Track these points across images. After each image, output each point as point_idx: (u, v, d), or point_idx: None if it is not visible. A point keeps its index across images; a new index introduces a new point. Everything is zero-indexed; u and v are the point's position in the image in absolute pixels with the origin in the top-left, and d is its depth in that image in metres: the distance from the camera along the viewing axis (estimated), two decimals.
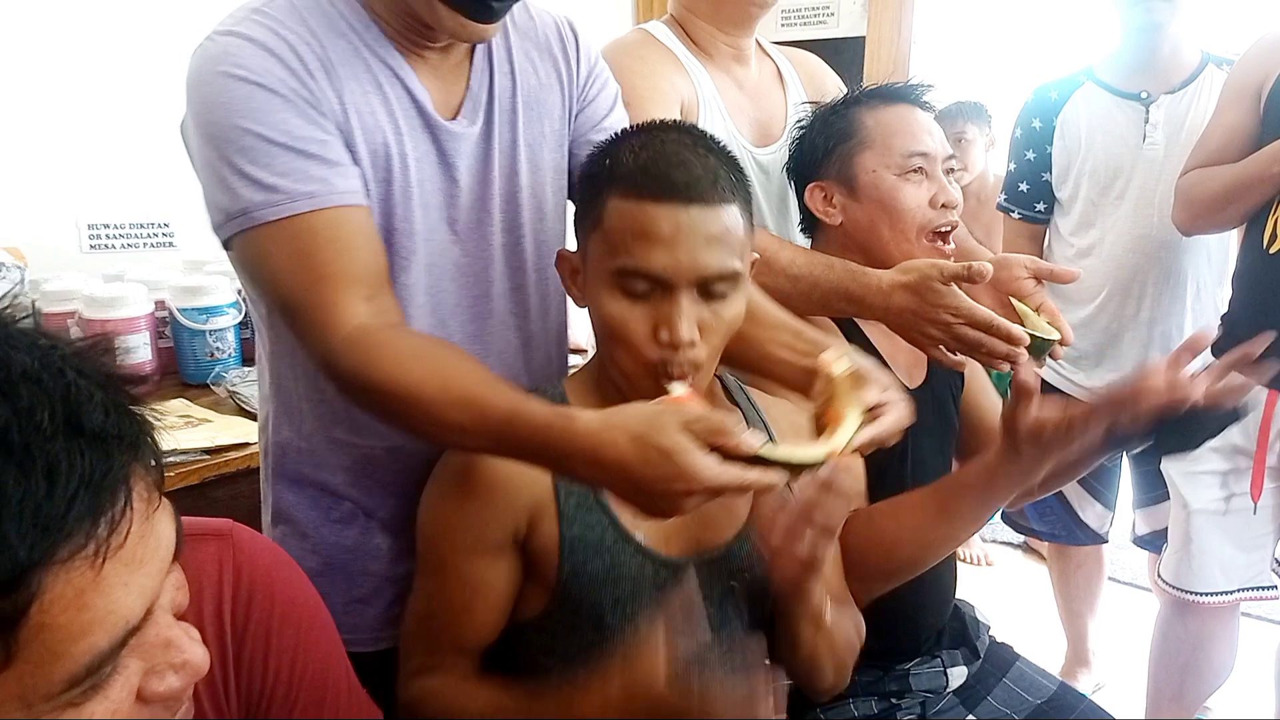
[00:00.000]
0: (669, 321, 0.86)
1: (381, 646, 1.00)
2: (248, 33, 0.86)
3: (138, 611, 0.48)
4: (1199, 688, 1.84)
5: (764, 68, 1.43)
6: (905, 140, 1.18)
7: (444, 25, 0.88)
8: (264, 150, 0.83)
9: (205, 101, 0.86)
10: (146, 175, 2.12)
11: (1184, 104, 1.80)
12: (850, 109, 1.24)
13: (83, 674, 0.45)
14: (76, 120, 2.00)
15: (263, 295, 0.92)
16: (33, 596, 0.43)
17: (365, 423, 0.95)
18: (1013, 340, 1.03)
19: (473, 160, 0.97)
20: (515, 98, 1.00)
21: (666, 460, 0.70)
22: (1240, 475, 1.62)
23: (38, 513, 0.42)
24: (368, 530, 1.00)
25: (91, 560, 0.44)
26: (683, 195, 0.85)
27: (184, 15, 2.09)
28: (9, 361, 0.44)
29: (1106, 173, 1.86)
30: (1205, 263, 1.85)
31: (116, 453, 0.46)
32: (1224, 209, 1.60)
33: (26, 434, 0.43)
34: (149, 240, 2.20)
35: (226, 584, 0.66)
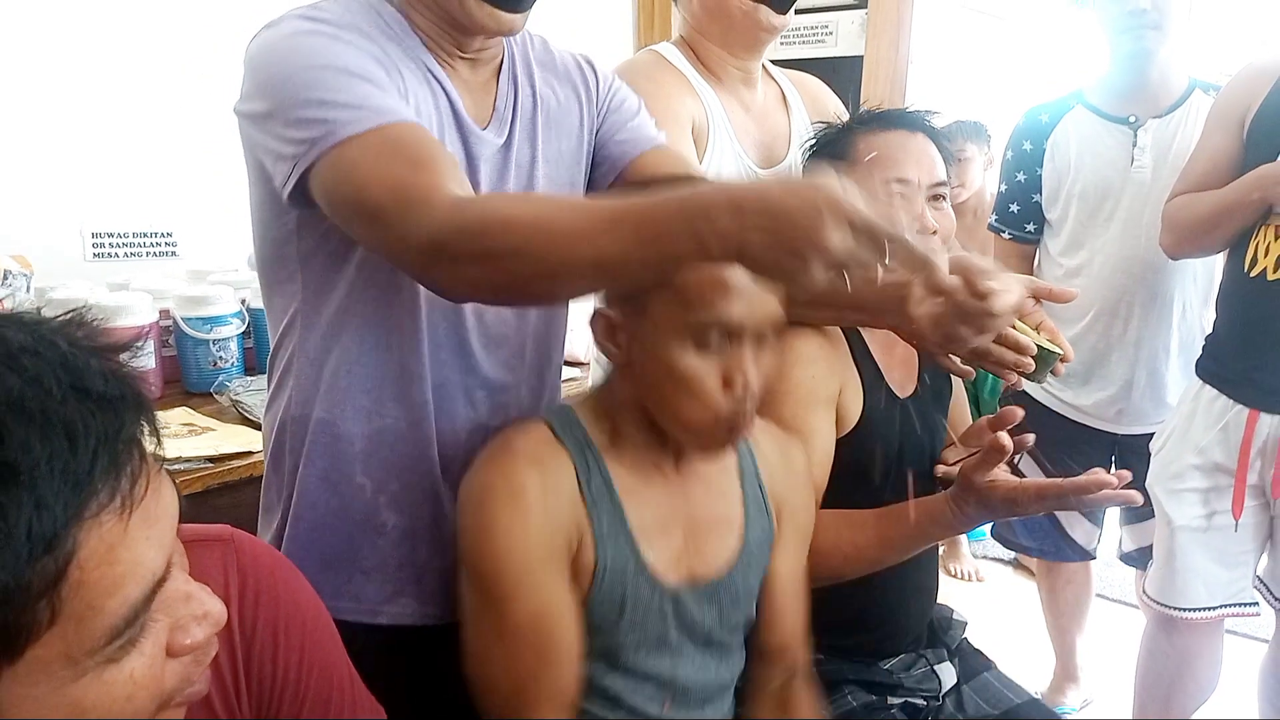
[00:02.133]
0: (742, 371, 0.89)
1: (380, 621, 1.03)
2: (311, 14, 0.91)
3: (160, 563, 0.50)
4: (1184, 703, 1.86)
5: (769, 91, 1.47)
6: (887, 167, 1.21)
7: (475, 19, 0.93)
8: (345, 81, 0.85)
9: (275, 62, 0.88)
10: (151, 185, 2.14)
11: (1171, 128, 1.84)
12: (850, 132, 1.28)
13: (121, 626, 0.48)
14: (81, 129, 2.02)
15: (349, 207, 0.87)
16: (71, 553, 0.45)
17: (387, 394, 0.99)
18: (1020, 349, 1.07)
19: (492, 168, 1.01)
20: (535, 117, 1.05)
21: (815, 190, 0.69)
22: (1222, 493, 1.64)
23: (66, 471, 0.44)
24: (375, 507, 1.02)
25: (119, 514, 0.47)
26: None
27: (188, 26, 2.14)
28: (5, 338, 0.46)
29: (1095, 195, 1.89)
30: (1191, 285, 1.88)
31: (124, 412, 0.48)
32: (1208, 234, 1.63)
33: (40, 399, 0.44)
34: (152, 250, 2.21)
35: (233, 587, 0.68)
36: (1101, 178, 1.88)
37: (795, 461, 1.10)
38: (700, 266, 0.77)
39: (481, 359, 1.03)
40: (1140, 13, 1.75)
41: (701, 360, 0.89)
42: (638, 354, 0.93)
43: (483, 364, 1.03)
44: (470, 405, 1.03)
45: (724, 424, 0.90)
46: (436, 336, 1.00)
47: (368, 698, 0.79)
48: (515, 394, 1.07)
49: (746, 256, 0.72)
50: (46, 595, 0.44)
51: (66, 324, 0.50)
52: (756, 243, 0.71)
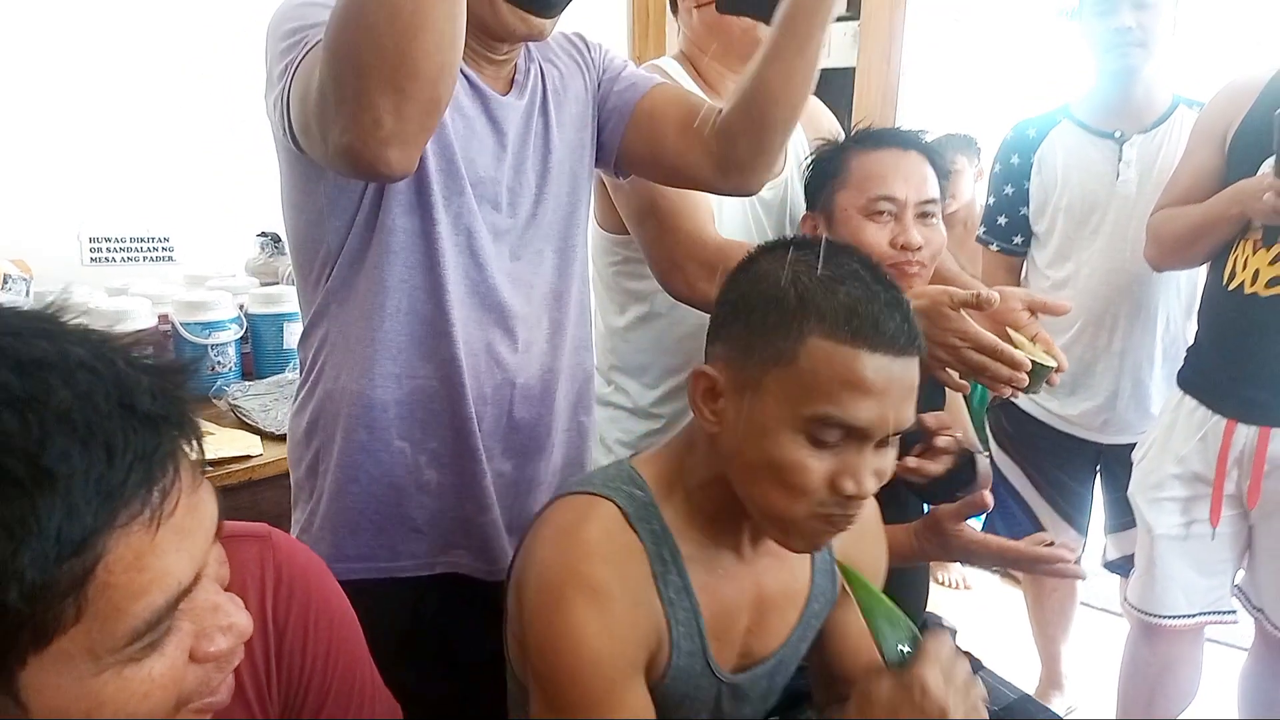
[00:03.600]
0: (855, 474, 0.81)
1: (436, 571, 1.09)
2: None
3: (189, 574, 0.53)
4: (1166, 708, 1.89)
5: None
6: (875, 184, 1.26)
7: (507, 24, 0.98)
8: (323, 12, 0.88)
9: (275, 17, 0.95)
10: (148, 190, 2.16)
11: (1155, 143, 1.87)
12: (844, 149, 1.32)
13: (143, 629, 0.51)
14: (79, 133, 2.03)
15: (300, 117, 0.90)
16: (98, 557, 0.48)
17: (417, 355, 1.04)
18: (1015, 365, 1.09)
19: (518, 130, 1.08)
20: (546, 87, 1.12)
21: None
22: (1200, 502, 1.67)
23: (100, 482, 0.48)
24: (417, 466, 1.06)
25: (147, 525, 0.50)
26: (896, 345, 0.79)
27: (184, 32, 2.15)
28: (67, 353, 0.49)
29: (1082, 208, 1.92)
30: (1175, 297, 1.91)
31: (164, 431, 0.51)
32: (1190, 247, 1.66)
33: (87, 415, 0.48)
34: (149, 254, 2.23)
35: (268, 582, 0.72)
36: (1088, 191, 1.91)
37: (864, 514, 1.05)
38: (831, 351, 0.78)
39: (506, 311, 1.08)
40: (1125, 31, 1.78)
41: (813, 456, 0.81)
42: (738, 428, 0.84)
43: (508, 317, 1.08)
44: (494, 361, 1.08)
45: (820, 525, 0.84)
46: (460, 293, 1.04)
47: (387, 697, 0.82)
48: (538, 347, 1.12)
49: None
50: (73, 594, 0.48)
51: (131, 344, 0.54)
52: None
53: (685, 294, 1.27)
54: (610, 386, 1.53)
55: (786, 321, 0.81)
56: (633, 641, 0.83)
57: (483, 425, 1.08)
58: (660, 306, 1.43)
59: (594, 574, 0.82)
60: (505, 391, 1.09)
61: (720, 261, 1.19)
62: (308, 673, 0.73)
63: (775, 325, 0.81)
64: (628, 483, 0.91)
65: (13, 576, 0.45)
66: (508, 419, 1.11)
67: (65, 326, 0.53)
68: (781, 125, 1.07)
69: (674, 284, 1.27)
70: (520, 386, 1.10)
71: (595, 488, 0.91)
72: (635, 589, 0.84)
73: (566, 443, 1.20)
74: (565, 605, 0.81)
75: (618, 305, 1.49)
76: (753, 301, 0.85)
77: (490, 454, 1.10)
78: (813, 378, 0.79)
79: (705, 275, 1.21)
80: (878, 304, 0.79)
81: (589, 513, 0.88)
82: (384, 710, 0.81)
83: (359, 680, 0.78)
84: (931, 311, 1.12)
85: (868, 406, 0.79)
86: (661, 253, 1.26)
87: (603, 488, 0.90)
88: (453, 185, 1.02)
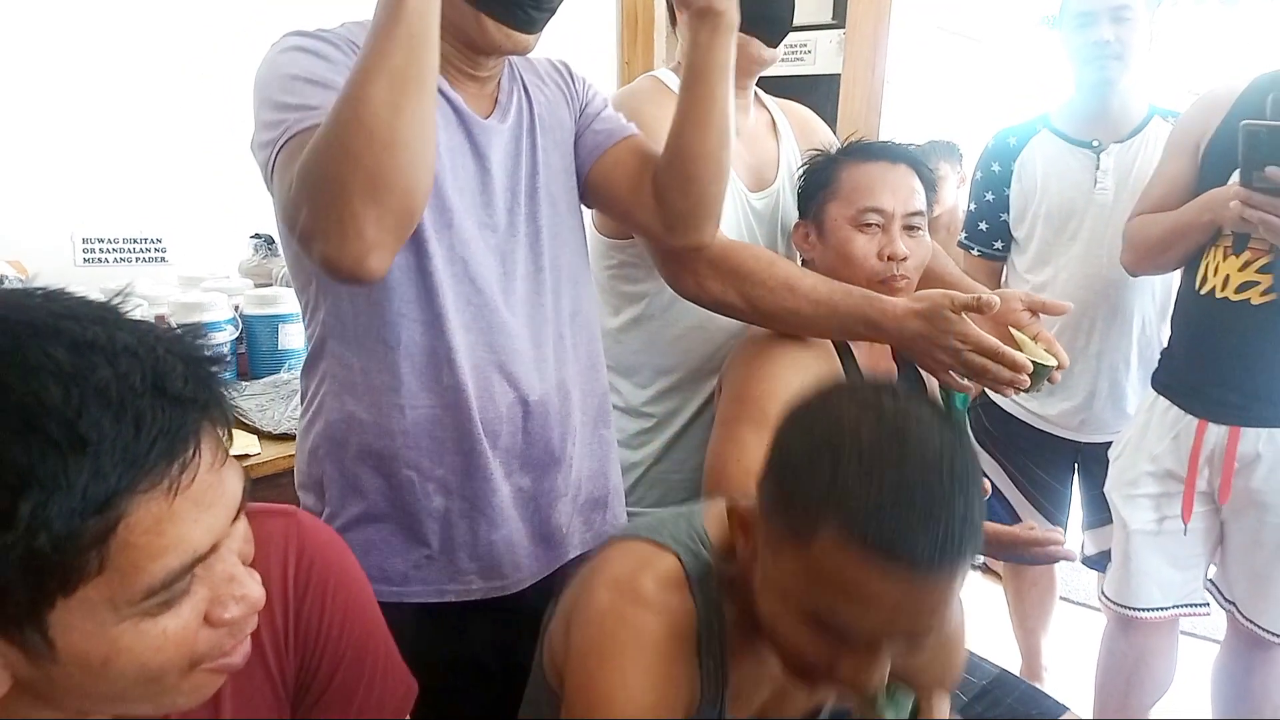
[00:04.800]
0: (858, 669, 0.76)
1: (447, 600, 1.10)
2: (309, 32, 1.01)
3: (205, 544, 0.58)
4: (1141, 699, 1.94)
5: (760, 118, 1.55)
6: (865, 196, 1.30)
7: (491, 38, 1.01)
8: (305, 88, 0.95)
9: (260, 75, 0.99)
10: (141, 191, 2.16)
11: (1132, 152, 1.93)
12: (836, 160, 1.37)
13: (158, 587, 0.56)
14: (72, 134, 2.04)
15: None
16: (120, 517, 0.53)
17: (419, 385, 1.06)
18: (1016, 367, 1.12)
19: (504, 154, 1.10)
20: (533, 111, 1.14)
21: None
22: (1173, 499, 1.72)
23: (126, 451, 0.53)
24: (425, 494, 1.08)
25: (166, 494, 0.55)
26: (920, 563, 0.68)
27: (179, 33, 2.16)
28: (115, 339, 0.55)
29: (1060, 215, 1.98)
30: (1150, 301, 1.97)
31: (190, 412, 0.57)
32: (1164, 253, 1.71)
33: (122, 392, 0.54)
34: (142, 255, 2.23)
35: (291, 551, 0.78)
36: (1066, 199, 1.97)
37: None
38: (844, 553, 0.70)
39: (512, 331, 1.10)
40: (1104, 44, 1.84)
41: (814, 641, 0.76)
42: (757, 573, 0.81)
43: (514, 336, 1.10)
44: (506, 379, 1.09)
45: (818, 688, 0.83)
46: (464, 319, 1.06)
47: (404, 671, 0.86)
48: (548, 363, 1.14)
49: None
50: (96, 548, 0.53)
51: (177, 336, 0.59)
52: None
53: (695, 293, 1.29)
54: None
55: (810, 499, 0.73)
56: (670, 699, 0.83)
57: (499, 442, 1.10)
58: (654, 309, 1.47)
59: (646, 627, 0.83)
60: (518, 409, 1.10)
61: (726, 260, 1.23)
62: (323, 637, 0.79)
63: (801, 497, 0.74)
64: (694, 540, 0.90)
65: (43, 525, 0.51)
66: (523, 435, 1.12)
67: (121, 316, 0.59)
68: (710, 179, 1.11)
69: (684, 285, 1.29)
70: (534, 403, 1.11)
71: (662, 538, 0.90)
72: (682, 650, 0.84)
73: (588, 455, 1.22)
74: (614, 652, 0.82)
75: (612, 307, 1.53)
76: (794, 453, 0.77)
77: (509, 470, 1.12)
78: (819, 572, 0.72)
79: (714, 274, 1.24)
80: (914, 513, 0.68)
81: (651, 563, 0.87)
82: (398, 682, 0.85)
83: (373, 650, 0.83)
84: (932, 314, 1.15)
85: (873, 619, 0.71)
86: (670, 255, 1.28)
87: (670, 540, 0.90)
88: (442, 219, 1.03)
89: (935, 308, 1.15)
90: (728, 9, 1.03)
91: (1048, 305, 1.22)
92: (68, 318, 0.55)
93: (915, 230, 1.32)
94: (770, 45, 1.40)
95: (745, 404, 1.25)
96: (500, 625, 1.14)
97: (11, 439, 0.51)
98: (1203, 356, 1.67)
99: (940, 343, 1.15)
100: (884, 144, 1.36)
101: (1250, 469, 1.64)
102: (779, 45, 1.41)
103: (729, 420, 1.27)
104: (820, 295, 1.23)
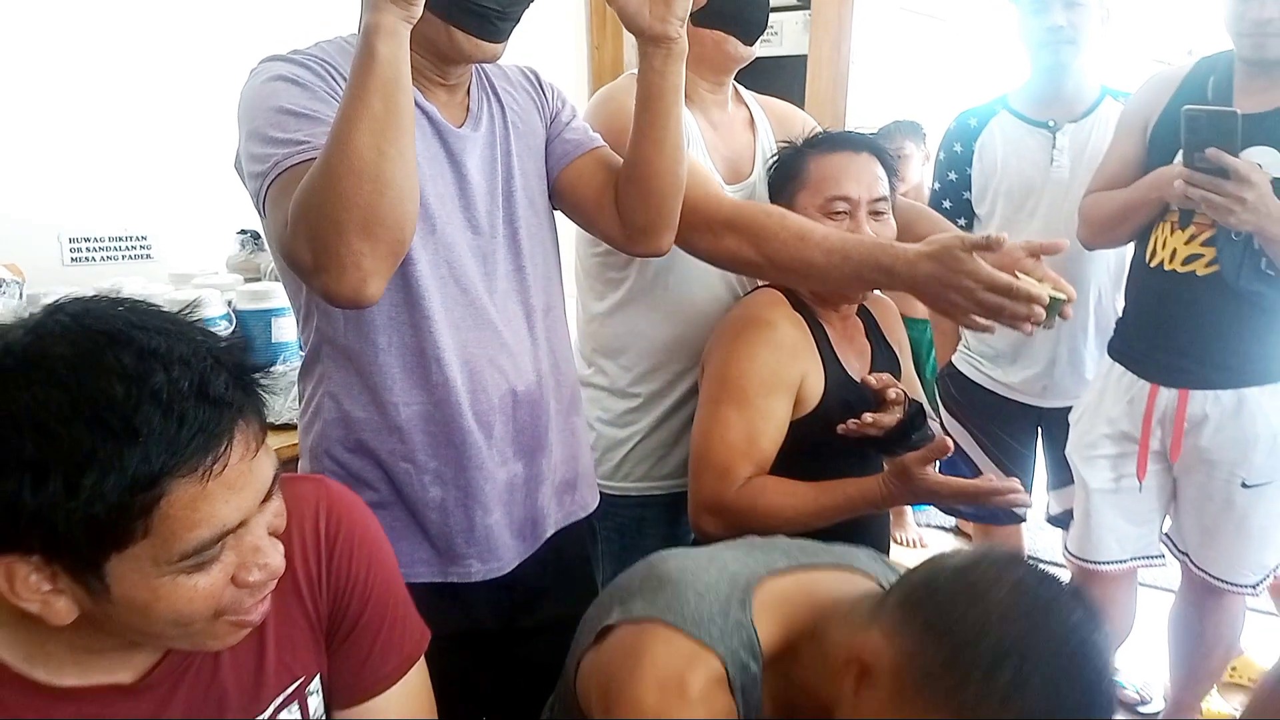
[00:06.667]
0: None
1: (434, 579, 1.17)
2: (286, 58, 1.07)
3: (234, 520, 0.70)
4: None
5: (738, 113, 1.61)
6: (831, 185, 1.38)
7: (461, 48, 1.06)
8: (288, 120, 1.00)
9: (244, 103, 1.05)
10: (125, 189, 2.19)
11: (1085, 131, 2.02)
12: (803, 152, 1.44)
13: (191, 552, 0.68)
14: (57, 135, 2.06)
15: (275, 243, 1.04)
16: (162, 495, 0.65)
17: (410, 384, 1.12)
18: (1032, 299, 1.13)
19: (479, 161, 1.16)
20: (505, 118, 1.20)
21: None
22: (1128, 459, 1.83)
23: (170, 443, 0.64)
24: (421, 486, 1.15)
25: (200, 478, 0.66)
26: None
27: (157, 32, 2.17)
28: (173, 349, 0.67)
29: (1019, 192, 2.07)
30: (1105, 273, 2.06)
31: (226, 414, 0.68)
32: (1116, 227, 1.81)
33: (172, 395, 0.65)
34: (128, 253, 2.26)
35: (322, 508, 0.91)
36: (1025, 177, 2.06)
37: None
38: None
39: (498, 327, 1.16)
40: (1057, 29, 1.93)
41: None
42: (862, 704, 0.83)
43: (500, 331, 1.17)
44: (497, 370, 1.16)
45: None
46: (452, 319, 1.13)
47: (418, 621, 0.98)
48: (528, 356, 1.21)
49: None
50: (141, 518, 0.65)
51: (227, 349, 0.70)
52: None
53: (710, 252, 1.33)
54: (591, 369, 1.62)
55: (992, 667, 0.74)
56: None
57: (494, 432, 1.16)
58: (636, 293, 1.54)
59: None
60: (509, 399, 1.18)
61: (740, 218, 1.29)
62: (352, 580, 0.91)
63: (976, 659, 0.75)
64: (745, 647, 0.90)
65: (99, 496, 0.62)
66: (513, 423, 1.19)
67: (182, 325, 0.70)
68: (667, 193, 1.17)
69: (699, 245, 1.33)
70: (521, 393, 1.19)
71: (712, 639, 0.89)
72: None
73: (561, 441, 1.28)
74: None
75: (597, 293, 1.59)
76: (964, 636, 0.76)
77: (504, 457, 1.19)
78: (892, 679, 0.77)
79: (731, 233, 1.29)
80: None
81: (696, 666, 0.88)
82: (415, 626, 0.98)
83: (393, 596, 0.95)
84: (944, 256, 1.16)
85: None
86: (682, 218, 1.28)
87: (719, 642, 0.89)
88: (425, 225, 1.09)
89: (946, 249, 1.16)
90: (678, 36, 1.09)
91: (1045, 246, 1.25)
92: (140, 328, 0.67)
93: (880, 215, 1.40)
94: (746, 43, 1.47)
95: (726, 384, 1.34)
96: (496, 599, 1.22)
97: (81, 426, 0.62)
98: (1153, 325, 1.78)
99: (953, 283, 1.15)
100: (846, 134, 1.44)
101: (1199, 429, 1.75)
102: (755, 43, 1.48)
103: (711, 400, 1.36)
104: (832, 244, 1.25)
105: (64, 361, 0.64)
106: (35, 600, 0.67)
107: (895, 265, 1.20)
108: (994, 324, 1.18)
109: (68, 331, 0.66)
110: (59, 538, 0.63)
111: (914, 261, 1.19)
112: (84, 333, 0.65)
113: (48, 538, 0.64)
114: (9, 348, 0.65)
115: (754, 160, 1.57)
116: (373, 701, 0.93)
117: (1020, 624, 0.75)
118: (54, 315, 0.67)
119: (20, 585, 0.66)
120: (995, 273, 1.14)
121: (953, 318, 1.22)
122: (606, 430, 1.60)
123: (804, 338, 1.38)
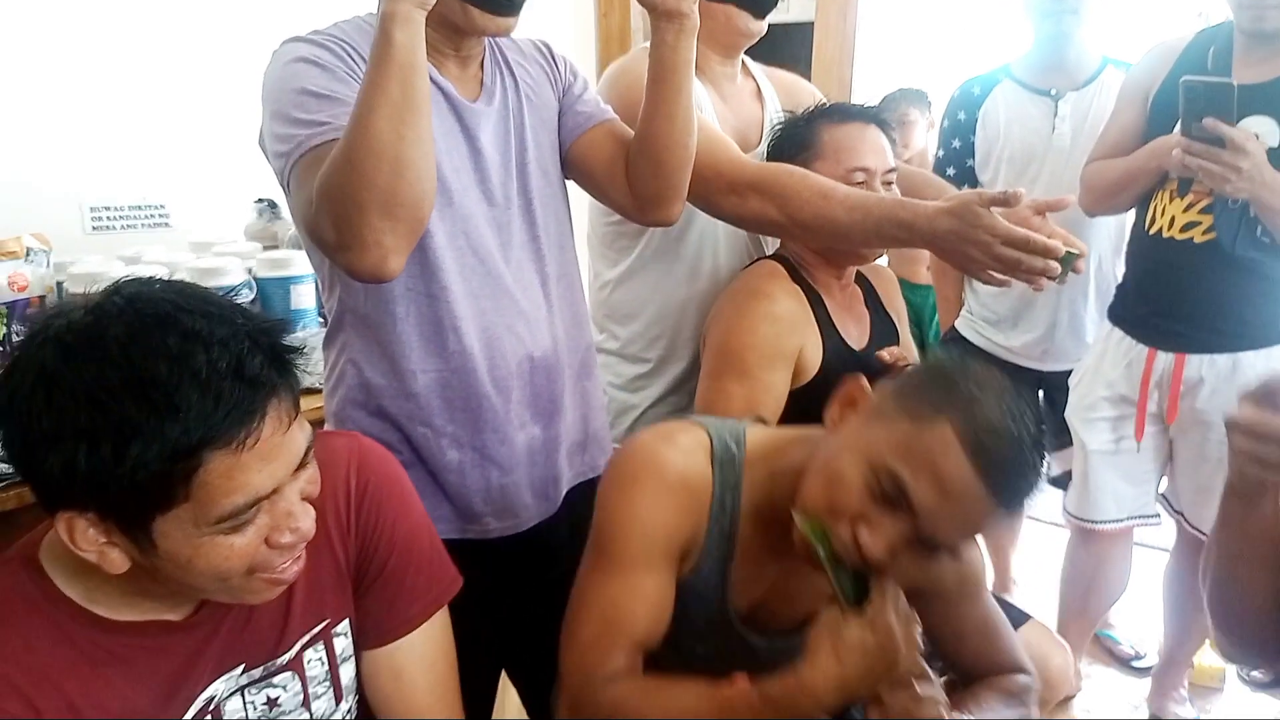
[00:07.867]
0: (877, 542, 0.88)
1: (452, 536, 1.20)
2: (306, 38, 1.11)
3: (267, 488, 0.76)
4: (1099, 602, 2.14)
5: (746, 85, 1.63)
6: (850, 156, 1.40)
7: (473, 22, 1.10)
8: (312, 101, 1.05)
9: (267, 86, 1.09)
10: (144, 158, 2.23)
11: (1087, 100, 2.05)
12: (814, 122, 1.45)
13: (227, 516, 0.74)
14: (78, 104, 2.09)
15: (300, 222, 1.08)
16: (200, 464, 0.71)
17: (426, 352, 1.17)
18: (1048, 252, 1.14)
19: (493, 134, 1.20)
20: (519, 91, 1.24)
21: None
22: (1127, 421, 1.88)
23: (207, 418, 0.70)
24: (440, 449, 1.20)
25: (235, 450, 0.72)
26: (996, 495, 0.85)
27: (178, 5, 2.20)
28: (213, 332, 0.72)
29: (1022, 159, 2.10)
30: (1105, 239, 2.10)
31: (260, 391, 0.74)
32: (1117, 195, 1.84)
33: (210, 374, 0.71)
34: (146, 221, 2.31)
35: (354, 460, 0.97)
36: (1027, 145, 2.09)
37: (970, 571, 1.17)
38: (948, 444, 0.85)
39: (514, 295, 1.21)
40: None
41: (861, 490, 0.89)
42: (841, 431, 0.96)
43: (517, 299, 1.21)
44: (515, 337, 1.21)
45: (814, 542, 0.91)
46: (469, 289, 1.17)
47: (448, 563, 1.04)
48: (544, 322, 1.25)
49: None
50: (182, 484, 0.71)
51: (263, 327, 0.76)
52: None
53: (735, 214, 1.36)
54: (603, 334, 1.66)
55: (943, 396, 0.88)
56: (673, 526, 0.98)
57: (512, 396, 1.21)
58: (648, 260, 1.57)
59: (669, 466, 0.98)
60: (525, 365, 1.22)
61: (763, 179, 1.31)
62: (380, 529, 0.97)
63: (934, 391, 0.89)
64: (731, 435, 1.03)
65: (143, 464, 0.69)
66: (530, 388, 1.24)
67: (224, 308, 0.75)
68: (678, 165, 1.20)
69: (722, 207, 1.35)
70: (538, 358, 1.23)
71: (705, 424, 1.04)
72: (694, 500, 0.98)
73: (574, 404, 1.32)
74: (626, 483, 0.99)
75: (610, 260, 1.63)
76: (943, 365, 0.95)
77: (522, 421, 1.24)
78: (918, 448, 0.86)
79: (755, 193, 1.31)
80: (1016, 458, 0.85)
81: (685, 429, 1.03)
82: (443, 572, 1.04)
83: (419, 542, 1.01)
84: (962, 211, 1.17)
85: (930, 502, 0.85)
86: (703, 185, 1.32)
87: (708, 422, 1.05)
88: (442, 198, 1.12)
89: (964, 204, 1.17)
90: (691, 12, 1.12)
91: (1051, 203, 1.26)
92: (186, 311, 0.73)
93: (890, 185, 1.44)
94: (757, 18, 1.49)
95: (727, 356, 1.37)
96: (514, 555, 1.28)
97: (129, 401, 0.68)
98: (1152, 290, 1.82)
99: (972, 238, 1.17)
100: (858, 107, 1.47)
101: (1194, 391, 1.79)
102: (765, 17, 1.50)
103: (712, 373, 1.40)
104: (854, 201, 1.27)
105: (118, 342, 0.70)
106: (93, 550, 0.74)
107: (915, 221, 1.22)
108: (1010, 279, 1.20)
109: (123, 314, 0.72)
110: (109, 498, 0.70)
111: (933, 217, 1.20)
112: (136, 315, 0.72)
113: (100, 498, 0.71)
114: (71, 325, 0.71)
115: (762, 131, 1.59)
116: (397, 643, 0.99)
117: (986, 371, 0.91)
118: (111, 297, 0.73)
119: (79, 537, 0.73)
120: (1012, 227, 1.15)
121: (970, 273, 1.23)
122: (618, 395, 1.64)
123: (802, 309, 1.40)
